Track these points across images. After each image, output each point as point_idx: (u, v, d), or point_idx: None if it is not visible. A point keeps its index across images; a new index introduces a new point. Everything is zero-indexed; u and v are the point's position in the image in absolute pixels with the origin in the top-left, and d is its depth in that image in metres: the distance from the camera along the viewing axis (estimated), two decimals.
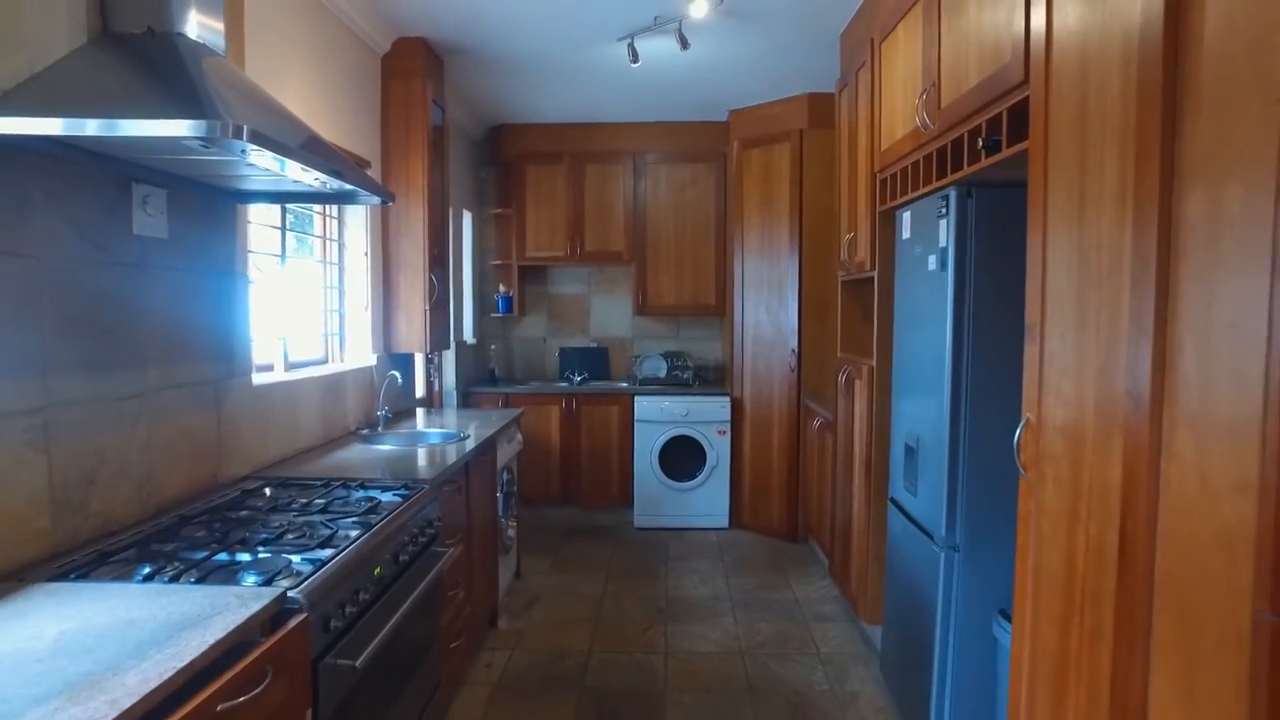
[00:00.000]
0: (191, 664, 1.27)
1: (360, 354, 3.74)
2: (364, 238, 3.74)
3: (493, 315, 5.85)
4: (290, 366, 3.20)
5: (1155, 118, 1.42)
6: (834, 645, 3.58)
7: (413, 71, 3.88)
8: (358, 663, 1.74)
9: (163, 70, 1.80)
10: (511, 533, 4.09)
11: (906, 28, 2.89)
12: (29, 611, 1.47)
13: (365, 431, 3.51)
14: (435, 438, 3.48)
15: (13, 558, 1.67)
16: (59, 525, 1.81)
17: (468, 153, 5.50)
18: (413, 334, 3.91)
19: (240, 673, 1.35)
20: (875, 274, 3.29)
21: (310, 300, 3.47)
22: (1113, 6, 1.55)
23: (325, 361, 3.59)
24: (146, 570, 1.69)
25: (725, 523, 5.34)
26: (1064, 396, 1.75)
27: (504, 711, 3.02)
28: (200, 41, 1.95)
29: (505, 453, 3.91)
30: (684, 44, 3.66)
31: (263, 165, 1.91)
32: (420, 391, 4.55)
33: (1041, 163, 1.84)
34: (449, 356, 5.06)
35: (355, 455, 3.04)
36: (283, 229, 3.15)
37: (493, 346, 5.92)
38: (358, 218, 3.73)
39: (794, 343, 4.94)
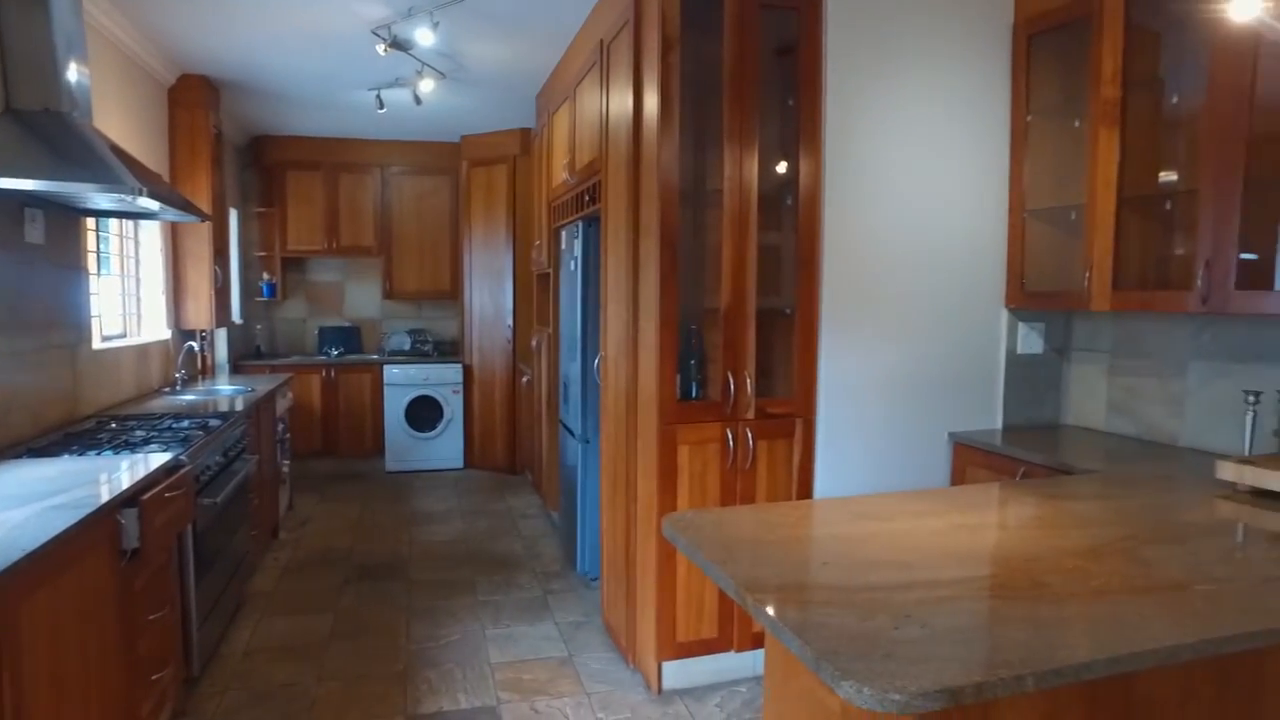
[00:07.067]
0: (148, 474, 2.47)
1: (156, 329, 4.69)
2: (158, 235, 4.68)
3: (257, 299, 6.78)
4: (104, 339, 4.14)
5: (632, 203, 3.04)
6: (531, 530, 5.14)
7: (196, 102, 4.85)
8: (218, 499, 2.97)
9: (71, 143, 2.87)
10: (286, 469, 5.21)
11: (563, 111, 4.45)
12: (20, 468, 2.56)
13: (166, 390, 4.50)
14: (228, 391, 4.56)
15: None
16: None
17: (232, 158, 6.38)
18: (200, 313, 4.91)
19: (169, 484, 2.56)
20: (551, 271, 4.85)
21: (111, 285, 4.36)
22: (617, 150, 3.18)
23: (125, 335, 4.50)
24: (66, 456, 2.77)
25: (461, 464, 6.76)
26: (613, 339, 3.37)
27: (291, 580, 4.23)
28: (81, 107, 2.98)
29: (280, 406, 5.03)
30: (418, 101, 4.98)
31: (140, 203, 3.02)
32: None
33: (605, 216, 3.45)
34: (220, 334, 5.97)
35: (168, 403, 4.08)
36: (98, 232, 4.08)
37: (258, 326, 6.85)
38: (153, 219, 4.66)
39: (510, 320, 6.45)
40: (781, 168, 3.18)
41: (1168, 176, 2.85)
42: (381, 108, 5.21)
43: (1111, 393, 3.20)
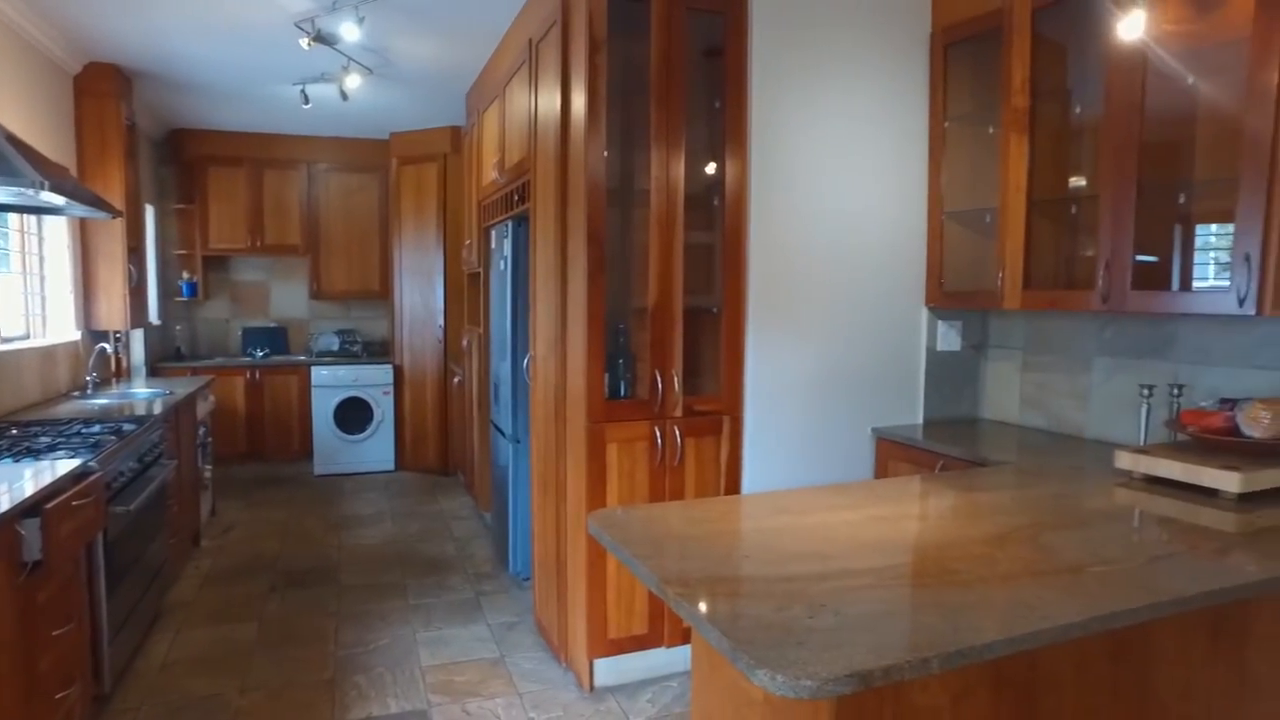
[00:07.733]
0: (53, 482, 2.37)
1: (64, 330, 4.49)
2: (65, 231, 4.48)
3: (177, 299, 6.55)
4: (3, 340, 3.94)
5: (560, 203, 3.05)
6: (463, 531, 5.09)
7: (106, 92, 4.66)
8: (132, 507, 2.86)
9: None
10: (208, 475, 5.05)
11: (493, 109, 4.42)
12: None
13: (76, 394, 4.32)
14: (144, 395, 4.39)
15: None
16: None
17: (148, 152, 6.14)
18: (113, 313, 4.72)
19: (77, 492, 2.46)
20: (482, 271, 4.82)
21: (11, 284, 4.16)
22: (545, 149, 3.18)
23: (28, 336, 4.30)
24: None
25: (392, 466, 6.65)
26: (543, 338, 3.37)
27: (214, 589, 4.10)
28: None
29: (201, 409, 4.88)
30: (344, 97, 4.87)
31: (42, 197, 2.89)
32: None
33: (533, 215, 3.44)
34: (137, 335, 5.74)
35: (77, 408, 3.91)
36: None
37: (178, 327, 6.61)
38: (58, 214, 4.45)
39: (441, 320, 6.38)
40: (709, 168, 3.22)
41: (1076, 182, 2.99)
42: (306, 103, 5.09)
43: (1024, 388, 3.34)
